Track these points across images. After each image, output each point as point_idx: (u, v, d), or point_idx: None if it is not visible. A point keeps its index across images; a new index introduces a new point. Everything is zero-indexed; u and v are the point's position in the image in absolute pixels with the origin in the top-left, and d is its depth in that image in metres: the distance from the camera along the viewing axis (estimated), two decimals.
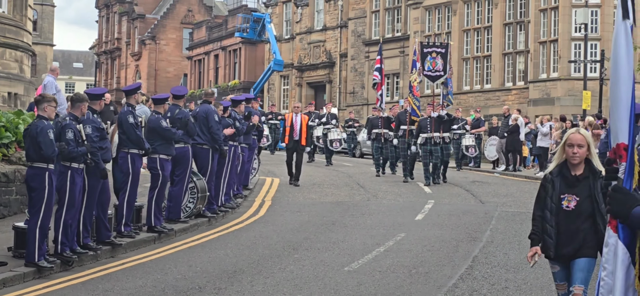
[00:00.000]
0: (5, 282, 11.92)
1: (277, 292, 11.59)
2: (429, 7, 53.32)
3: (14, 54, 31.11)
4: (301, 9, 67.63)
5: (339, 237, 16.61)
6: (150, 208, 16.48)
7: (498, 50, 49.99)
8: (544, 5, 45.77)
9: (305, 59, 66.38)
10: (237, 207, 20.58)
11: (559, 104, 42.12)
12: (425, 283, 12.30)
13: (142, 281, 12.31)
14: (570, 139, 7.39)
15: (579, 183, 7.31)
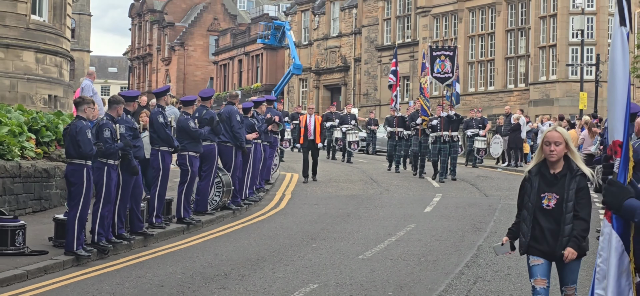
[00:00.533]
0: (46, 269, 11.99)
1: (296, 278, 11.61)
2: (436, 14, 53.27)
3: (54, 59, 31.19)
4: (318, 17, 67.61)
5: (353, 228, 16.62)
6: (179, 201, 16.54)
7: (501, 54, 49.93)
8: (543, 13, 45.70)
9: (322, 63, 66.38)
10: (260, 200, 20.61)
11: (558, 105, 42.08)
12: (433, 270, 12.30)
13: (172, 269, 12.35)
14: (547, 137, 7.04)
15: (557, 182, 6.95)
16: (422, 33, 53.59)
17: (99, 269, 12.35)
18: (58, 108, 26.79)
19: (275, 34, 67.77)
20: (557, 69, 44.94)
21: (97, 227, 13.35)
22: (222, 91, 74.93)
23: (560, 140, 6.91)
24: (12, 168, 16.58)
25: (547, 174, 6.97)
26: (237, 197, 18.95)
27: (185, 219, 16.41)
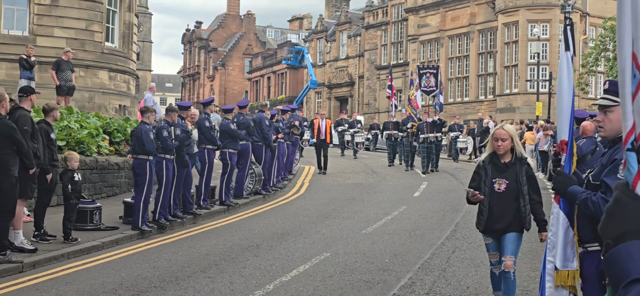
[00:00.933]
0: (117, 241, 12.09)
1: (313, 248, 11.64)
2: (423, 41, 53.29)
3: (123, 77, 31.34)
4: (330, 43, 67.66)
5: (357, 209, 16.63)
6: (221, 188, 16.61)
7: (474, 72, 49.92)
8: (507, 40, 45.65)
9: (333, 79, 66.30)
10: (284, 187, 20.62)
11: (519, 112, 42.03)
12: (420, 242, 12.30)
13: (215, 241, 12.40)
14: (495, 134, 7.03)
15: (507, 169, 6.91)
16: (411, 55, 53.57)
17: (159, 241, 12.43)
18: (126, 115, 26.94)
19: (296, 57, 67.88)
20: (518, 84, 44.90)
21: (157, 208, 13.47)
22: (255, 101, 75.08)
23: (506, 137, 6.88)
24: (90, 162, 16.69)
25: (498, 163, 6.94)
26: (266, 184, 18.99)
27: (226, 202, 16.48)
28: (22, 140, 10.16)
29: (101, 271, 9.94)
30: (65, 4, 28.79)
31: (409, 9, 55.08)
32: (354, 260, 10.67)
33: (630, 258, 1.60)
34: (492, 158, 7.01)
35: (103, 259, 10.80)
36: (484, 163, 7.09)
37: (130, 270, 9.98)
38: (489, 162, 7.03)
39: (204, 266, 10.19)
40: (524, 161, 6.96)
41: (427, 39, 53.31)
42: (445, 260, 10.74)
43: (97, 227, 12.68)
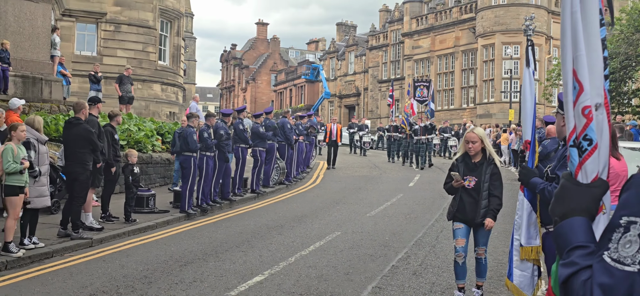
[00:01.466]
0: (167, 222, 12.15)
1: (327, 228, 11.65)
2: (417, 59, 53.21)
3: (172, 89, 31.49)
4: (340, 61, 67.66)
5: (363, 196, 16.62)
6: (252, 179, 16.65)
7: (458, 85, 49.80)
8: (485, 58, 45.70)
9: (343, 91, 66.26)
10: (303, 178, 20.62)
11: (495, 118, 41.93)
12: (415, 223, 12.28)
13: (247, 222, 12.44)
14: (466, 137, 6.64)
15: (477, 168, 6.52)
16: (407, 71, 53.48)
17: (201, 222, 12.48)
18: (175, 120, 27.10)
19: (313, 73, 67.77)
20: (494, 95, 44.83)
21: (200, 195, 13.53)
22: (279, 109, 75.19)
23: (477, 139, 6.55)
24: (147, 157, 16.81)
25: (469, 162, 6.59)
26: (288, 176, 19.01)
27: (256, 190, 16.51)
28: (97, 141, 10.29)
29: (155, 246, 10.02)
30: (126, 30, 28.98)
31: (405, 33, 55.00)
32: (360, 238, 10.69)
33: (572, 231, 1.65)
34: (464, 157, 6.65)
35: (156, 236, 10.88)
36: (457, 161, 6.72)
37: (178, 245, 10.05)
38: (461, 161, 6.67)
39: (238, 242, 10.24)
40: (491, 161, 6.59)
41: (420, 58, 53.24)
42: (434, 238, 10.73)
43: (151, 210, 12.77)
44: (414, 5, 54.84)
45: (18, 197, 8.55)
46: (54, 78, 18.29)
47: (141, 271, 8.20)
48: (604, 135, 1.91)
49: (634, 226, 1.42)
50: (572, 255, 1.58)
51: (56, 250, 9.23)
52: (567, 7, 1.92)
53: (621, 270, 1.40)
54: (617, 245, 1.43)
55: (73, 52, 27.49)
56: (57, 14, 27.13)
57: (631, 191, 1.47)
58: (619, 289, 1.39)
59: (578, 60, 1.89)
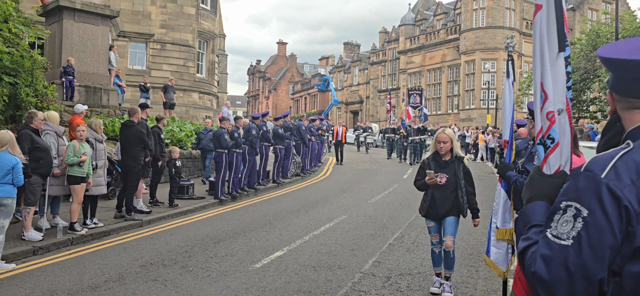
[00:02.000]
0: (204, 207, 12.16)
1: (335, 212, 11.62)
2: (410, 73, 52.91)
3: (208, 97, 31.54)
4: (346, 74, 67.45)
5: (364, 186, 16.57)
6: (274, 171, 16.63)
7: (444, 94, 49.43)
8: (467, 72, 45.25)
9: (348, 99, 65.97)
10: (315, 171, 20.59)
11: (475, 122, 41.55)
12: (408, 209, 12.23)
13: (269, 207, 12.44)
14: (438, 137, 6.07)
15: (447, 166, 5.95)
16: (402, 83, 53.19)
17: (232, 207, 12.49)
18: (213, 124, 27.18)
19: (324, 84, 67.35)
20: (474, 102, 44.48)
21: (230, 184, 13.54)
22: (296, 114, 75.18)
23: (447, 140, 5.98)
24: (186, 153, 16.83)
25: (440, 160, 6.02)
26: (303, 169, 18.99)
27: (277, 181, 16.50)
28: (147, 139, 10.33)
29: (193, 226, 10.05)
30: (170, 48, 29.06)
31: (400, 51, 54.74)
32: (363, 221, 10.66)
33: (533, 212, 1.71)
34: (434, 156, 6.09)
35: (195, 219, 10.90)
36: (428, 159, 6.11)
37: (212, 226, 10.07)
38: (432, 159, 6.08)
39: (262, 224, 10.24)
40: (461, 159, 6.06)
41: (413, 72, 52.95)
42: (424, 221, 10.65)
43: (190, 197, 12.80)
44: (408, 27, 54.61)
45: (80, 186, 8.60)
46: (111, 88, 18.36)
47: (182, 247, 8.22)
48: (566, 135, 2.00)
49: (570, 209, 1.48)
50: (529, 232, 1.64)
51: (113, 229, 9.28)
52: (537, 32, 2.05)
53: (558, 244, 1.46)
54: (557, 224, 1.49)
55: (127, 66, 27.59)
56: (114, 35, 27.25)
57: (570, 182, 1.54)
58: (556, 259, 1.45)
59: (544, 74, 2.00)
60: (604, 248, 1.41)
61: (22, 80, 12.57)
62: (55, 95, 14.94)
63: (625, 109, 1.63)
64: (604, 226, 1.42)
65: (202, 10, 31.36)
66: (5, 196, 6.72)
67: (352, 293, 6.01)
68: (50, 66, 16.55)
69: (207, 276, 6.58)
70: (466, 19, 45.25)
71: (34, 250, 7.69)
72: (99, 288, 6.09)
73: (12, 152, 6.81)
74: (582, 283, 1.42)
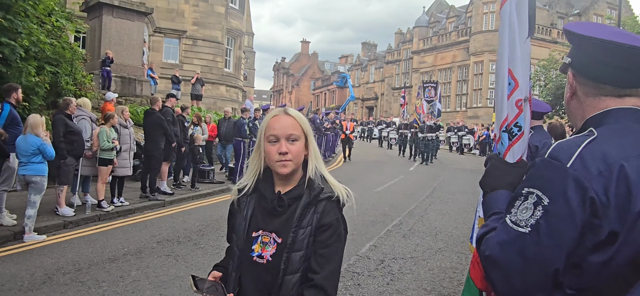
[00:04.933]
0: (222, 191, 12.14)
1: None
2: (422, 72, 52.26)
3: (234, 90, 31.69)
4: (363, 72, 67.11)
5: (372, 176, 16.47)
6: None
7: (454, 93, 48.76)
8: (476, 72, 44.64)
9: (365, 95, 65.63)
10: (328, 162, 20.49)
11: (481, 120, 41.03)
12: (410, 198, 12.12)
13: None
14: (270, 125, 3.58)
15: (283, 213, 3.24)
16: (414, 81, 52.67)
17: None
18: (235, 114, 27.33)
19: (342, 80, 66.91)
20: (482, 101, 43.89)
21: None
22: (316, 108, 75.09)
23: (292, 131, 2.24)
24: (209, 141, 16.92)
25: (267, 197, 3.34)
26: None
27: None
28: (167, 126, 10.42)
29: (212, 208, 10.12)
30: (201, 45, 29.24)
31: (414, 51, 54.21)
32: (366, 208, 10.58)
33: (495, 201, 1.60)
34: (258, 186, 3.97)
35: (214, 201, 10.97)
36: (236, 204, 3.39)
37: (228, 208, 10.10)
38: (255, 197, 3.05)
39: None
40: (331, 198, 3.22)
41: (425, 71, 52.34)
42: (423, 210, 10.60)
43: (211, 181, 12.89)
44: (422, 29, 54.05)
45: (106, 167, 8.73)
46: (144, 79, 18.56)
47: (197, 226, 8.29)
48: (527, 125, 1.86)
49: (531, 196, 1.36)
50: (489, 219, 1.55)
51: (137, 207, 9.40)
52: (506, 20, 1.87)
53: (515, 230, 1.35)
54: (517, 211, 1.37)
55: (161, 60, 27.85)
56: (150, 30, 27.51)
57: (533, 169, 1.42)
58: (512, 245, 1.34)
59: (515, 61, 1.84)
60: (563, 238, 1.30)
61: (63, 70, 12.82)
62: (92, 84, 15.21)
63: (592, 95, 1.48)
64: (565, 216, 1.30)
65: (231, 9, 31.47)
66: (34, 174, 6.86)
67: (345, 274, 6.00)
68: (90, 57, 16.81)
69: (216, 254, 6.63)
70: (476, 22, 44.59)
71: (65, 224, 7.84)
72: (118, 260, 6.18)
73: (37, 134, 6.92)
74: (536, 271, 1.31)
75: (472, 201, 12.04)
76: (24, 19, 10.38)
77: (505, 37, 1.88)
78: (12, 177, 7.64)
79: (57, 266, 5.89)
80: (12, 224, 7.25)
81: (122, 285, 5.31)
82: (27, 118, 7.21)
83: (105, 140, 8.56)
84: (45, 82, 11.43)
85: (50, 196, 8.50)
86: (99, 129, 8.63)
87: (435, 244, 7.70)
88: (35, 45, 10.70)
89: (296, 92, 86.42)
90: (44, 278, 5.46)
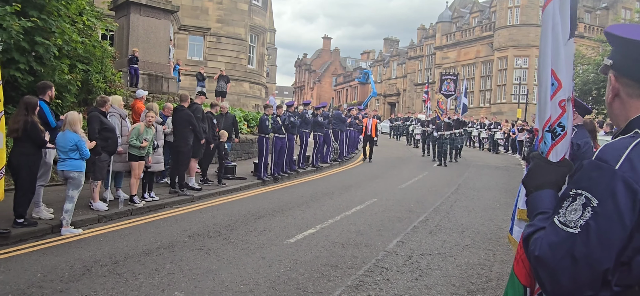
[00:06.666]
0: (248, 187, 12.34)
1: (367, 195, 11.62)
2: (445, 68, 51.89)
3: (257, 87, 31.90)
4: (386, 68, 66.72)
5: (396, 173, 16.45)
6: (313, 156, 16.69)
7: (477, 89, 48.22)
8: (500, 68, 44.05)
9: (387, 91, 65.29)
10: (352, 158, 20.54)
11: (505, 116, 40.50)
12: (435, 194, 12.11)
13: (307, 188, 12.55)
14: None
15: None
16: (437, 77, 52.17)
17: (273, 188, 12.66)
18: (258, 110, 27.52)
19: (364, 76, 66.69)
20: (506, 97, 43.30)
21: (272, 165, 13.71)
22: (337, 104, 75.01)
23: None
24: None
25: None
26: (341, 155, 19.02)
27: (315, 165, 16.56)
28: (196, 122, 10.59)
29: (238, 203, 10.26)
30: (225, 41, 29.51)
31: (437, 47, 53.76)
32: (391, 204, 10.63)
33: (540, 200, 1.63)
34: None
35: (239, 197, 11.12)
36: None
37: (255, 203, 10.26)
38: None
39: (299, 203, 10.36)
40: None
41: (448, 66, 51.85)
42: (449, 206, 10.57)
43: (235, 177, 13.01)
44: (445, 24, 53.53)
45: (137, 163, 8.94)
46: (171, 76, 18.85)
47: (226, 221, 8.45)
48: (570, 124, 1.89)
49: (580, 197, 1.39)
50: (536, 219, 1.57)
51: (167, 202, 9.61)
52: (549, 21, 1.91)
53: (565, 231, 1.38)
54: (565, 212, 1.40)
55: (186, 57, 28.21)
56: (175, 28, 27.88)
57: (581, 171, 1.44)
58: (561, 245, 1.37)
59: (558, 62, 1.87)
60: (612, 239, 1.32)
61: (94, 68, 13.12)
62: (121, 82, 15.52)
63: (636, 96, 1.49)
64: (614, 218, 1.32)
65: (254, 6, 31.67)
66: (71, 170, 7.08)
67: (374, 269, 6.07)
68: (118, 55, 17.14)
69: (246, 248, 6.76)
70: (501, 16, 44.00)
71: (99, 218, 8.08)
72: (152, 254, 6.36)
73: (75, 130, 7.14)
74: (586, 271, 1.33)
75: (499, 198, 11.97)
76: (57, 18, 10.67)
77: (549, 38, 1.90)
78: (49, 173, 7.90)
79: (95, 258, 6.09)
80: (50, 218, 7.51)
81: (158, 277, 5.47)
82: (66, 115, 7.44)
83: (134, 137, 8.76)
84: (77, 80, 11.73)
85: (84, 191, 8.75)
86: (134, 126, 8.85)
87: (462, 240, 7.70)
88: (67, 43, 10.99)
89: (318, 89, 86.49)
90: (83, 269, 5.66)
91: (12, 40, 9.35)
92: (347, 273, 5.87)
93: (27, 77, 9.97)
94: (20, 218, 6.95)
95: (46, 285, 5.12)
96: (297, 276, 5.70)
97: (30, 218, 7.21)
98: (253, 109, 28.04)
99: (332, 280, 5.63)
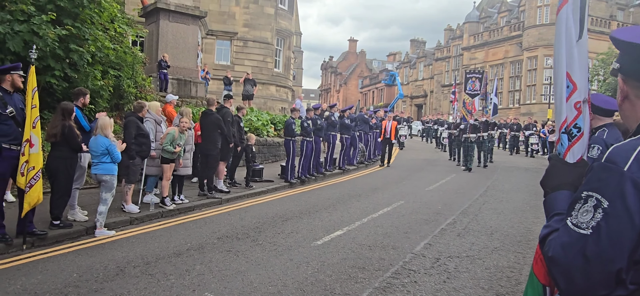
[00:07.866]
0: (276, 189, 12.42)
1: (393, 198, 11.57)
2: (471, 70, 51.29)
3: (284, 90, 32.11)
4: (412, 69, 66.32)
5: (423, 175, 16.33)
6: (340, 159, 16.74)
7: (506, 89, 47.52)
8: (529, 67, 43.29)
9: (413, 93, 64.86)
10: (377, 160, 20.49)
11: (535, 116, 39.74)
12: (462, 196, 11.98)
13: (334, 191, 12.56)
14: None
15: None
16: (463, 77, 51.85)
17: (300, 190, 12.71)
18: (285, 113, 27.70)
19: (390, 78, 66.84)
20: (536, 97, 42.52)
21: (300, 169, 13.78)
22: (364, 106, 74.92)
23: None
24: (262, 141, 17.29)
25: None
26: (368, 157, 18.98)
27: (342, 167, 16.57)
28: (224, 126, 10.75)
29: (265, 206, 10.36)
30: (251, 45, 29.82)
31: (464, 47, 53.16)
32: (418, 206, 10.57)
33: (557, 200, 1.66)
34: None
35: (267, 199, 11.22)
36: None
37: (282, 206, 10.34)
38: None
39: (326, 206, 10.39)
40: None
41: (474, 68, 51.31)
42: (477, 209, 10.45)
43: (262, 180, 13.13)
44: (472, 24, 52.90)
45: (169, 165, 9.13)
46: (199, 80, 19.16)
47: (254, 223, 8.55)
48: (586, 125, 1.90)
49: (591, 199, 1.41)
50: (552, 220, 1.60)
51: (196, 205, 9.77)
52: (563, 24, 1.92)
53: (577, 232, 1.40)
54: (578, 213, 1.43)
55: (213, 62, 28.63)
56: (203, 33, 28.32)
57: (591, 173, 1.46)
58: (574, 246, 1.40)
59: (572, 64, 1.89)
60: (624, 239, 1.35)
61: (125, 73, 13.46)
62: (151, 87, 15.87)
63: None
64: (625, 218, 1.35)
65: (280, 10, 31.91)
66: (104, 173, 7.29)
67: (402, 271, 6.06)
68: (148, 61, 17.53)
69: (274, 250, 6.84)
70: (530, 15, 43.24)
71: (131, 221, 8.28)
72: (182, 255, 6.49)
73: (106, 135, 7.34)
74: (599, 270, 1.36)
75: (528, 200, 11.77)
76: (90, 26, 11.00)
77: (562, 40, 1.92)
78: (83, 176, 8.14)
79: (127, 259, 6.25)
80: (84, 220, 7.74)
81: (188, 278, 5.58)
82: (97, 119, 7.66)
83: (168, 142, 8.96)
84: (109, 86, 12.06)
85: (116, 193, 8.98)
86: (169, 129, 9.06)
87: (491, 243, 7.61)
88: (100, 50, 11.31)
89: (344, 91, 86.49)
90: (117, 270, 5.82)
91: (47, 48, 9.67)
92: (375, 275, 5.88)
93: (62, 83, 10.29)
94: (56, 220, 7.19)
95: (82, 285, 5.28)
96: (324, 278, 5.74)
97: (65, 220, 7.45)
98: (280, 112, 28.25)
99: (360, 282, 5.65)
